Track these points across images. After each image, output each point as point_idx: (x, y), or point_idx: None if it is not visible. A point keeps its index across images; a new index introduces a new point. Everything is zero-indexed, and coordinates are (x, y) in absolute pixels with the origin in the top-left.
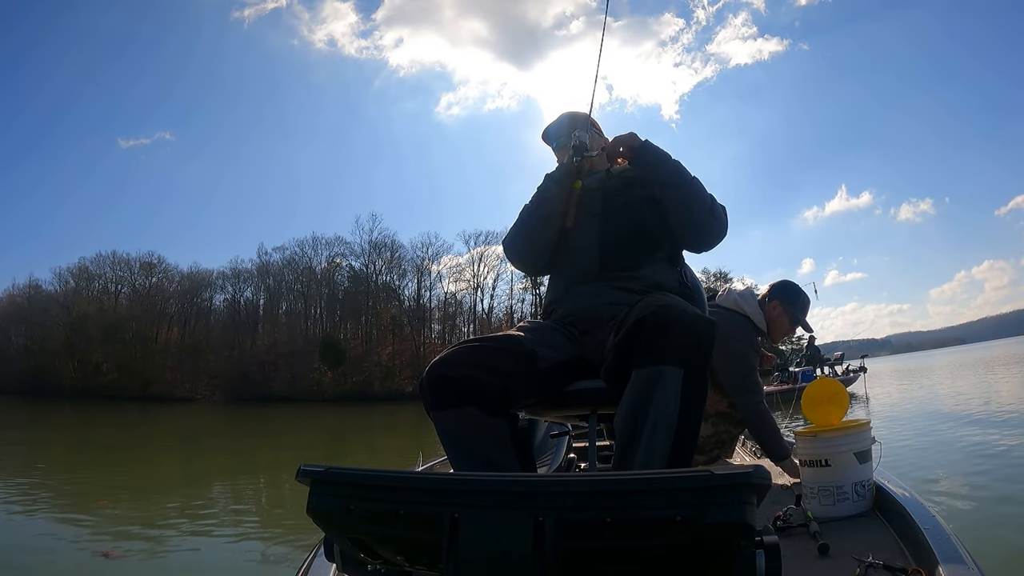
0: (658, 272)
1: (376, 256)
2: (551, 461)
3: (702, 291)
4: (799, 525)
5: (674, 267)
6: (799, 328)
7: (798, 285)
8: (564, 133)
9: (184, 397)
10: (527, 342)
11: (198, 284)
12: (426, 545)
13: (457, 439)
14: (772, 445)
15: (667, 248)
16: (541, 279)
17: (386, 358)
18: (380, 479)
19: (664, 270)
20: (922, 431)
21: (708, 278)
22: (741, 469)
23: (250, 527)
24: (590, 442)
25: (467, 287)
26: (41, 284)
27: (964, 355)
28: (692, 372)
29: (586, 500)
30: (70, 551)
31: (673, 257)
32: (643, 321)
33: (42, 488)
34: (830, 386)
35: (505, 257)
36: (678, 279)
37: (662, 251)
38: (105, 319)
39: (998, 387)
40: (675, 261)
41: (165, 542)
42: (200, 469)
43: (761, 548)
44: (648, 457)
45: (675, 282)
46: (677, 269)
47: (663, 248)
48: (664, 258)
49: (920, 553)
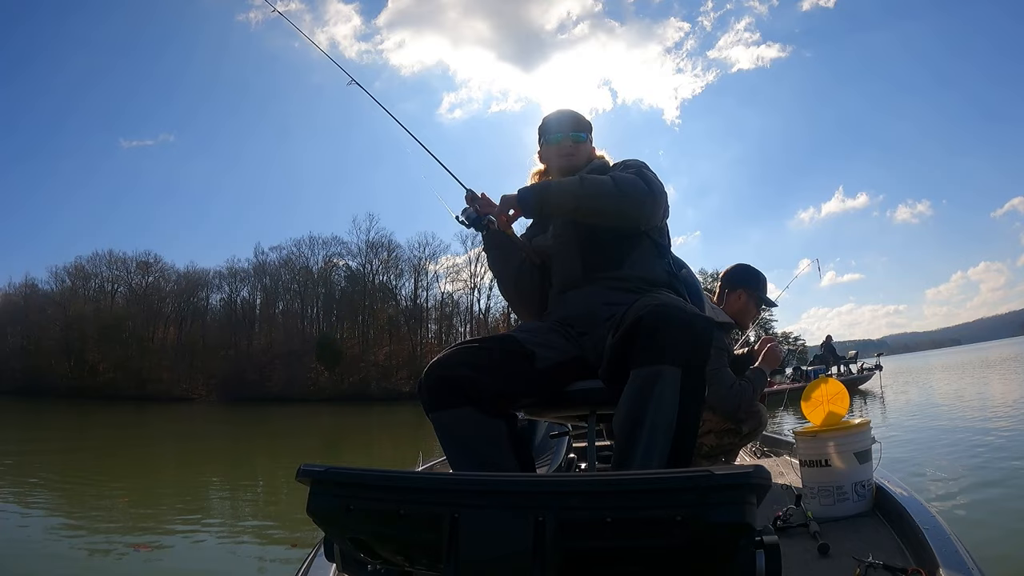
0: (644, 265)
1: (373, 256)
2: (551, 461)
3: (698, 287)
4: (799, 525)
5: (661, 258)
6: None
7: (751, 265)
8: (553, 130)
9: (181, 397)
10: (526, 343)
11: (194, 284)
12: (426, 545)
13: (456, 439)
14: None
15: (649, 239)
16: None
17: (383, 358)
18: (380, 479)
19: (650, 262)
20: (934, 429)
21: (706, 279)
22: (741, 469)
23: (249, 527)
24: (589, 442)
25: (464, 287)
26: (37, 283)
27: (961, 356)
28: (690, 371)
29: (586, 500)
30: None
31: (658, 247)
32: (641, 321)
33: (40, 489)
34: (830, 386)
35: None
36: (666, 269)
37: (644, 243)
38: (101, 319)
39: (999, 387)
40: (661, 251)
41: (163, 542)
42: (198, 469)
43: (761, 548)
44: (647, 457)
45: (663, 272)
46: (665, 261)
47: (644, 240)
48: (648, 249)
49: (920, 553)
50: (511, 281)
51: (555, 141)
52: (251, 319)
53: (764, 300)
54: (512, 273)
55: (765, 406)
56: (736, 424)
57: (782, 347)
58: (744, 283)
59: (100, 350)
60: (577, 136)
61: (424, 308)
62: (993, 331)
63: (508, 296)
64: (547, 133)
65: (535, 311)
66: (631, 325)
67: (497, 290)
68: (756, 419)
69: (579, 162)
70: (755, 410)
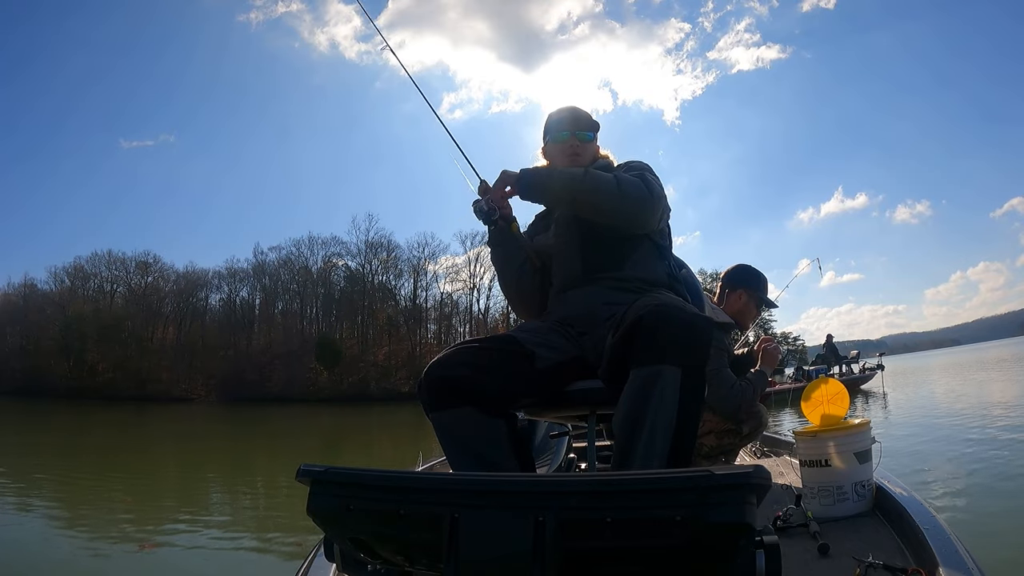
0: (644, 267)
1: (372, 256)
2: (551, 461)
3: (698, 287)
4: (799, 525)
5: (662, 260)
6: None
7: (751, 266)
8: (559, 128)
9: (180, 397)
10: (526, 343)
11: (194, 284)
12: (426, 545)
13: (456, 439)
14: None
15: (650, 240)
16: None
17: (382, 358)
18: (380, 479)
19: (651, 263)
20: (934, 428)
21: (705, 279)
22: (741, 469)
23: (249, 527)
24: (589, 442)
25: (463, 287)
26: (36, 283)
27: (960, 356)
28: (690, 371)
29: (586, 500)
30: (66, 550)
31: (660, 248)
32: (641, 321)
33: (40, 489)
34: (830, 386)
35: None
36: (666, 271)
37: (645, 244)
38: (101, 319)
39: (999, 388)
40: (662, 253)
41: (164, 542)
42: (198, 470)
43: (761, 548)
44: (647, 457)
45: (663, 274)
46: (665, 262)
47: (645, 241)
48: (649, 251)
49: (920, 553)
50: (512, 280)
51: (561, 139)
52: (250, 319)
53: (764, 300)
54: (514, 273)
55: (768, 405)
56: (736, 425)
57: (781, 347)
58: (745, 283)
59: (99, 350)
60: (583, 135)
61: (423, 308)
62: (992, 331)
63: (509, 294)
64: (553, 131)
65: (535, 311)
66: (631, 325)
67: (496, 290)
68: (756, 420)
69: (584, 162)
70: (755, 411)
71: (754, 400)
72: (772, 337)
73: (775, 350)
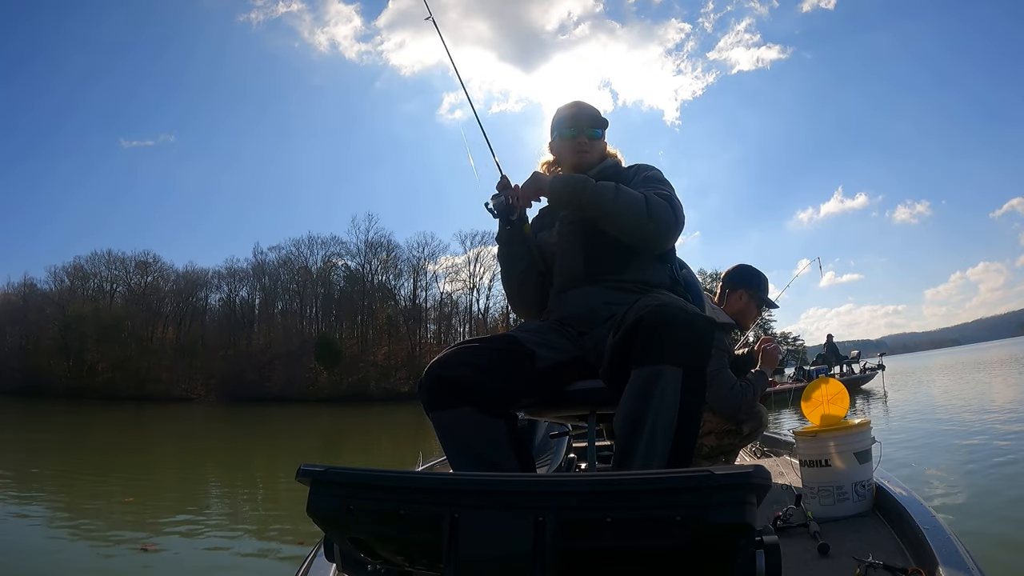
0: (646, 270)
1: (372, 256)
2: (551, 461)
3: (698, 287)
4: (799, 525)
5: (664, 264)
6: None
7: (752, 266)
8: (569, 124)
9: (180, 397)
10: (526, 343)
11: (193, 283)
12: (426, 545)
13: (456, 439)
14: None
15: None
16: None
17: (382, 358)
18: (380, 479)
19: (653, 268)
20: (935, 428)
21: (705, 279)
22: (741, 469)
23: (249, 527)
24: (589, 442)
25: (463, 287)
26: (36, 283)
27: (960, 356)
28: (691, 371)
29: (586, 500)
30: (67, 551)
31: (662, 254)
32: (641, 321)
33: (40, 489)
34: (830, 386)
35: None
36: (669, 275)
37: (648, 249)
38: (100, 318)
39: (999, 388)
40: (665, 257)
41: (164, 542)
42: (198, 470)
43: (761, 548)
44: (648, 457)
45: (665, 278)
46: (668, 265)
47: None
48: (652, 255)
49: (920, 553)
50: (516, 280)
51: (570, 136)
52: (250, 319)
53: (765, 301)
54: (519, 273)
55: (768, 406)
56: (737, 425)
57: (781, 347)
58: (745, 283)
59: (99, 350)
60: (593, 133)
61: (423, 308)
62: (992, 331)
63: (510, 293)
64: (562, 127)
65: (535, 310)
66: (632, 325)
67: (496, 290)
68: (757, 420)
69: (592, 159)
70: (756, 411)
71: (754, 400)
72: (772, 337)
73: (775, 350)
